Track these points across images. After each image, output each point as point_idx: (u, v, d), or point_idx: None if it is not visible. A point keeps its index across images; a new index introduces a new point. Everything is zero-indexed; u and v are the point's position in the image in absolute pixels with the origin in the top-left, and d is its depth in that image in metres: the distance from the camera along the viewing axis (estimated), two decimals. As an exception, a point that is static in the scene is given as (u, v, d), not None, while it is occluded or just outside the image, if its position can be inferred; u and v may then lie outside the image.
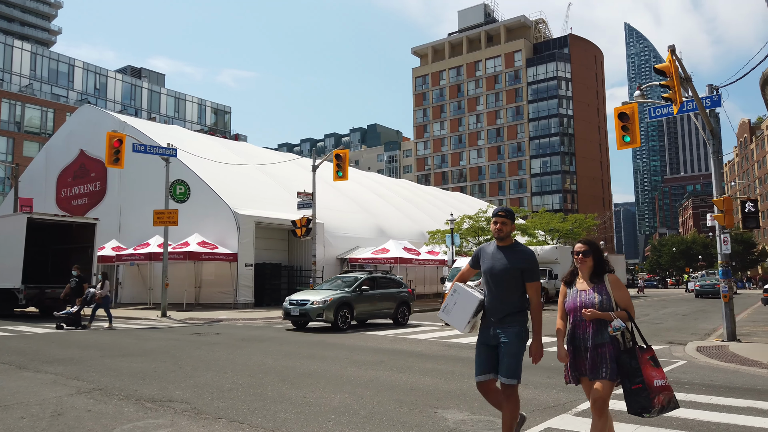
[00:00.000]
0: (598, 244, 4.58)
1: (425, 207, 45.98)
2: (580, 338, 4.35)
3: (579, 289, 4.48)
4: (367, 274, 18.53)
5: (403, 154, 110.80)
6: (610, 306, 4.31)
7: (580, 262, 4.49)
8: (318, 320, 16.02)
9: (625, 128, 15.07)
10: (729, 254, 14.17)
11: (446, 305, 4.71)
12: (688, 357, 11.75)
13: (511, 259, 4.53)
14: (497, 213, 4.68)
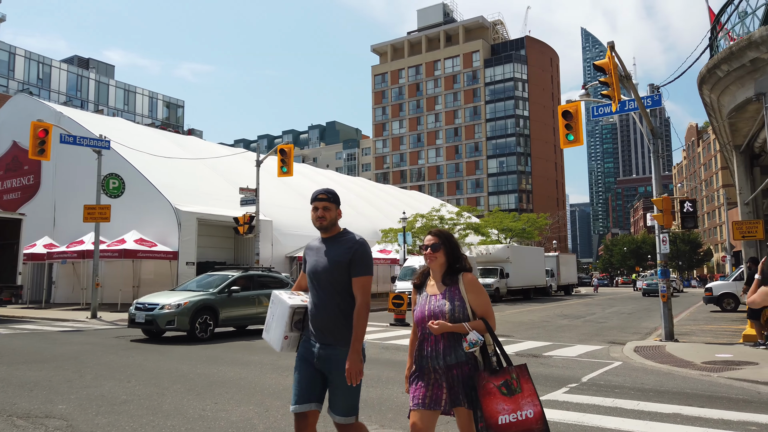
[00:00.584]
0: (451, 234, 3.60)
1: (381, 205, 45.56)
2: (428, 357, 3.35)
3: (429, 293, 3.50)
4: (242, 272, 15.53)
5: (362, 152, 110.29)
6: (464, 314, 3.35)
7: (429, 259, 3.49)
8: (169, 328, 13.14)
9: (568, 126, 14.92)
10: (668, 254, 14.18)
11: (267, 321, 3.78)
12: (625, 358, 11.61)
13: (335, 252, 3.54)
14: (317, 196, 3.64)
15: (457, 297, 3.38)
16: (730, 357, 11.12)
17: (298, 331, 3.64)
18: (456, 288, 3.42)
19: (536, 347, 13.28)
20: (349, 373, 3.33)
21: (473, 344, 3.22)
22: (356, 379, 3.34)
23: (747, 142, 13.38)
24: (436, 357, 3.33)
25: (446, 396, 3.32)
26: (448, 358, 3.31)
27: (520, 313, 25.10)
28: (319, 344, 3.50)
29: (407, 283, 27.61)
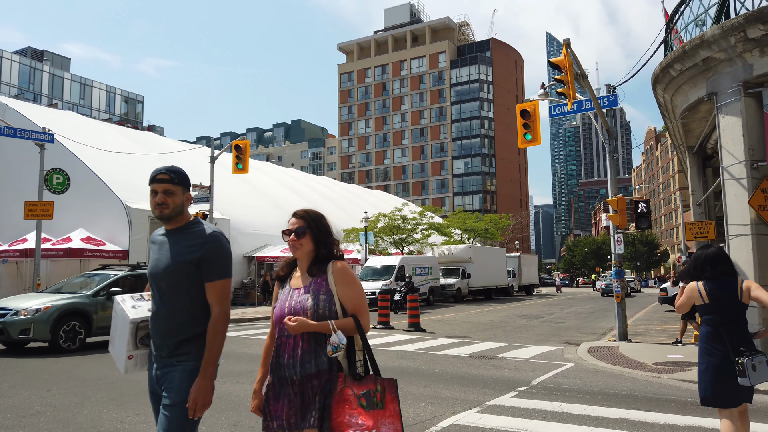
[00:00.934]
0: (321, 216, 2.99)
1: (344, 205, 45.08)
2: (285, 366, 2.71)
3: (292, 287, 2.86)
4: (128, 270, 13.38)
5: (328, 151, 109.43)
6: (331, 311, 2.73)
7: (293, 247, 2.86)
8: (23, 338, 10.92)
9: (526, 126, 14.79)
10: (623, 254, 14.18)
11: (111, 333, 3.09)
12: (578, 359, 11.49)
13: (180, 247, 2.79)
14: (155, 176, 2.82)
15: (324, 290, 2.76)
16: (680, 358, 11.11)
17: (146, 348, 2.93)
18: (323, 279, 2.79)
19: (491, 348, 13.09)
20: (193, 402, 2.64)
21: (336, 348, 2.62)
22: (200, 411, 2.65)
23: (700, 143, 13.46)
24: (293, 365, 2.68)
25: (298, 412, 2.69)
26: (308, 366, 2.67)
27: (480, 313, 25.03)
28: (156, 365, 2.80)
29: (368, 283, 27.24)
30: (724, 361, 4.13)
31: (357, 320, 2.74)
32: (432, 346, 13.40)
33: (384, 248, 35.62)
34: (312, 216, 2.94)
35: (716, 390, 4.18)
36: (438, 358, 11.40)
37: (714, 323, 4.26)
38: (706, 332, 4.32)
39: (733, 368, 4.08)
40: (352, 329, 2.73)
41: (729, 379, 4.10)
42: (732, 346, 4.13)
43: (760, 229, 9.16)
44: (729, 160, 9.57)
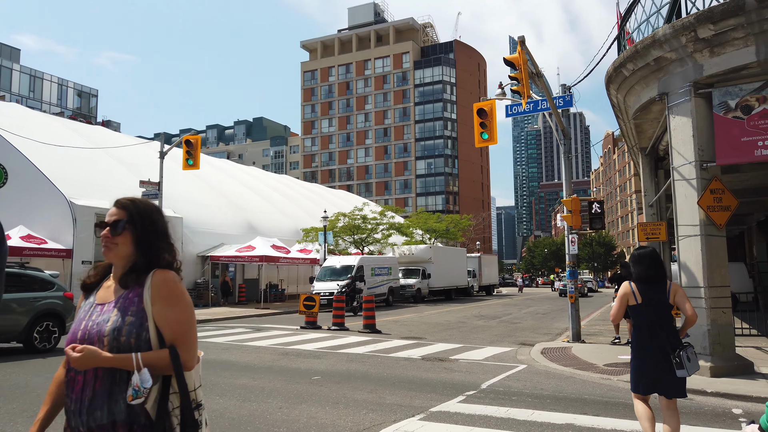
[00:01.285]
0: (153, 207, 2.26)
1: (305, 204, 44.41)
2: (71, 411, 1.99)
3: (97, 301, 2.14)
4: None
5: (290, 150, 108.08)
6: (140, 338, 2.01)
7: (105, 245, 2.12)
8: None
9: (483, 125, 14.63)
10: (576, 255, 14.15)
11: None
12: (531, 360, 11.35)
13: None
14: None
15: (134, 309, 2.03)
16: (625, 358, 11.07)
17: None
18: (136, 294, 2.07)
19: (445, 350, 12.86)
20: None
21: (137, 392, 1.91)
22: None
23: (652, 144, 13.52)
24: (80, 411, 1.95)
25: None
26: (99, 414, 1.93)
27: (439, 314, 24.88)
28: None
29: (326, 284, 26.77)
30: (653, 355, 4.50)
31: (175, 353, 2.00)
32: (385, 348, 13.07)
33: (344, 248, 35.18)
34: (139, 208, 2.19)
35: (644, 380, 4.60)
36: (389, 360, 11.07)
37: (647, 320, 4.60)
38: (639, 329, 4.67)
39: (665, 362, 4.44)
40: (167, 366, 1.99)
41: (653, 371, 4.52)
42: (668, 342, 4.47)
43: (708, 230, 9.15)
44: (679, 161, 9.55)
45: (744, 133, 8.92)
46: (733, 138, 8.99)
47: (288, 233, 35.60)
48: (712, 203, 9.18)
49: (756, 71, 8.75)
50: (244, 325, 18.74)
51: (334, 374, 9.32)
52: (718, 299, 9.03)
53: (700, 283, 9.08)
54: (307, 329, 17.49)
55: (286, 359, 11.01)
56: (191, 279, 28.12)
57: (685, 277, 9.42)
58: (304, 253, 31.99)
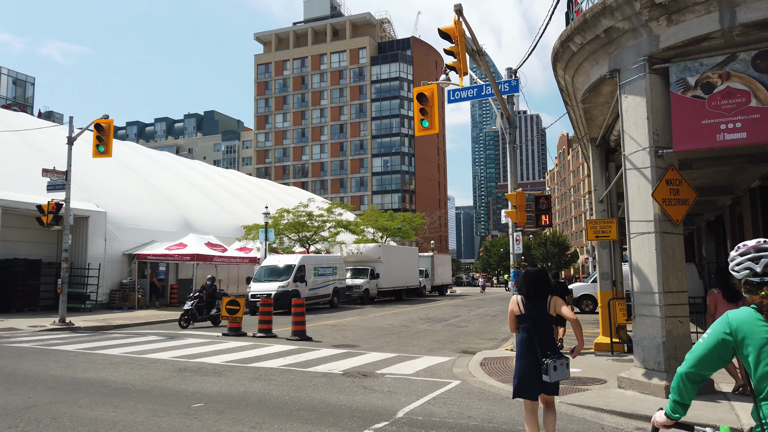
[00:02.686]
0: None
1: (251, 201, 42.24)
2: None
3: None
4: None
5: (243, 145, 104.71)
6: None
7: None
8: None
9: (423, 111, 13.29)
10: (521, 254, 12.88)
11: None
12: (467, 375, 9.98)
13: None
14: None
15: None
16: (578, 372, 9.85)
17: None
18: None
19: (375, 361, 11.39)
20: None
21: None
22: None
23: (602, 134, 12.36)
24: None
25: None
26: None
27: (384, 316, 23.46)
28: None
29: (264, 284, 24.98)
30: (533, 362, 4.92)
31: None
32: (306, 360, 11.49)
33: (289, 247, 33.34)
34: None
35: (524, 385, 4.98)
36: (302, 377, 9.50)
37: (528, 330, 5.04)
38: (521, 338, 5.11)
39: (538, 368, 4.89)
40: None
41: (533, 377, 4.93)
42: (540, 350, 4.93)
43: (664, 227, 7.93)
44: (631, 147, 8.31)
45: (705, 114, 7.73)
46: (693, 120, 7.78)
47: (229, 230, 33.53)
48: (668, 196, 7.96)
49: (719, 43, 7.55)
50: (160, 332, 16.82)
51: (223, 399, 7.68)
52: (674, 306, 7.82)
53: (654, 288, 7.85)
54: (230, 336, 15.74)
55: (178, 378, 9.28)
56: (116, 279, 25.84)
57: (637, 281, 8.18)
58: (244, 252, 30.04)
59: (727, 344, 2.41)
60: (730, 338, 2.40)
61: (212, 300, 18.18)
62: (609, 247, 12.79)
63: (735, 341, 2.39)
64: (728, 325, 2.40)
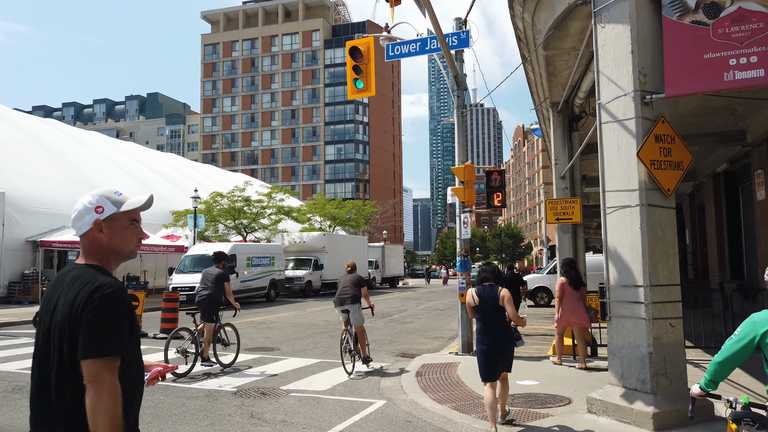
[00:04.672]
0: None
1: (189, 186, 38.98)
2: None
3: None
4: None
5: (189, 130, 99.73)
6: None
7: None
8: None
9: (357, 69, 11.04)
10: (468, 239, 10.80)
11: None
12: (397, 389, 7.85)
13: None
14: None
15: None
16: (534, 385, 7.82)
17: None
18: None
19: (288, 371, 9.15)
20: None
21: None
22: None
23: (566, 97, 10.34)
24: None
25: None
26: None
27: (323, 311, 21.22)
28: None
29: (188, 276, 22.28)
30: (491, 347, 5.66)
31: None
32: (201, 371, 9.13)
33: (224, 235, 30.54)
34: None
35: (489, 370, 5.66)
36: (175, 399, 7.13)
37: (483, 320, 5.77)
38: (479, 327, 5.85)
39: (497, 350, 5.67)
40: None
41: (494, 359, 5.65)
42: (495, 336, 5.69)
43: (652, 198, 5.91)
44: (609, 93, 6.25)
45: (708, 46, 5.72)
46: (692, 55, 5.77)
47: (158, 217, 30.46)
48: (658, 156, 5.95)
49: (731, -55, 5.52)
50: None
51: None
52: (664, 305, 5.83)
53: (638, 281, 5.84)
54: (164, 338, 13.17)
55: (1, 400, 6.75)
56: (17, 269, 22.66)
57: (614, 271, 6.15)
58: (171, 240, 27.14)
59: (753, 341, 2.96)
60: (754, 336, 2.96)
61: None
62: (571, 232, 10.85)
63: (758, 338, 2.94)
64: (754, 324, 2.97)
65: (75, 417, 1.79)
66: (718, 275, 19.10)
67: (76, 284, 1.88)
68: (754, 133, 14.38)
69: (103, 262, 2.00)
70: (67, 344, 1.83)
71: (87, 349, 1.77)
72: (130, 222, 2.02)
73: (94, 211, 1.97)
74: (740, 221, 18.67)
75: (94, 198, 2.00)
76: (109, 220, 1.97)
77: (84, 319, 1.79)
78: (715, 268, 19.46)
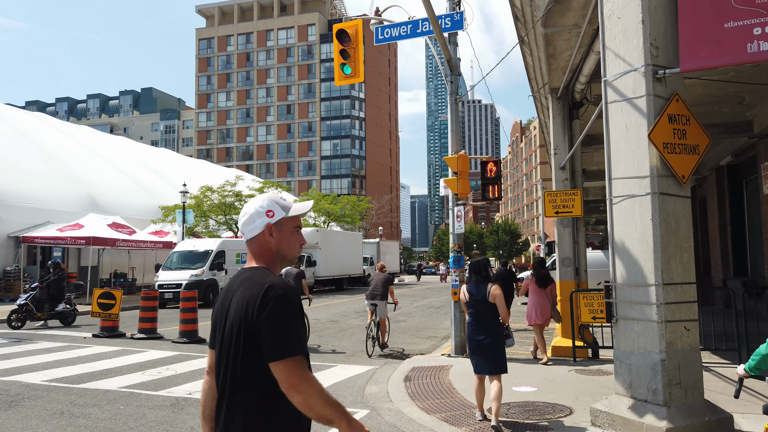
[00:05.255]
0: None
1: (180, 182, 38.29)
2: None
3: None
4: None
5: (183, 125, 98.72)
6: None
7: None
8: None
9: (345, 54, 10.45)
10: (462, 234, 10.16)
11: None
12: (383, 396, 7.23)
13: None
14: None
15: None
16: (532, 391, 7.19)
17: None
18: None
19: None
20: None
21: None
22: None
23: (566, 82, 9.68)
24: None
25: None
26: None
27: (315, 309, 20.61)
28: None
29: (175, 273, 21.61)
30: (481, 342, 5.78)
31: None
32: (171, 375, 8.50)
33: (215, 231, 29.86)
34: None
35: (477, 363, 5.83)
36: (136, 409, 6.47)
37: (474, 315, 5.90)
38: (469, 321, 5.98)
39: (487, 347, 5.75)
40: None
41: (482, 355, 5.78)
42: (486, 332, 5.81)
43: (664, 185, 5.26)
44: (617, 68, 5.59)
45: (729, 13, 5.07)
46: (711, 24, 5.12)
47: (147, 212, 29.81)
48: (672, 139, 5.29)
49: None
50: (14, 333, 13.34)
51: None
52: (678, 306, 5.18)
53: (649, 279, 5.19)
54: (101, 338, 12.49)
55: (-63, 415, 6.08)
56: (-1, 266, 21.96)
57: (622, 267, 5.50)
58: (159, 236, 26.45)
59: None
60: None
61: (58, 292, 14.45)
62: (571, 226, 10.20)
63: None
64: None
65: (253, 416, 1.82)
66: (721, 272, 18.50)
67: (246, 286, 1.88)
68: (761, 123, 13.75)
69: (270, 266, 2.00)
70: (243, 345, 1.82)
71: (273, 351, 1.75)
72: (295, 227, 2.05)
73: (265, 214, 1.98)
74: (744, 216, 18.07)
75: (265, 202, 2.01)
76: (278, 225, 1.99)
77: (261, 321, 1.79)
78: (718, 264, 18.86)
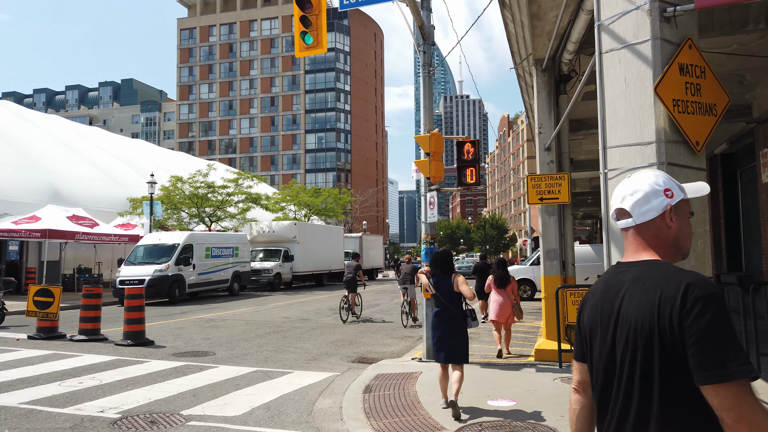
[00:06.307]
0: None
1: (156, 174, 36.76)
2: None
3: None
4: None
5: (164, 117, 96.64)
6: None
7: None
8: None
9: (305, 21, 9.27)
10: (434, 223, 9.01)
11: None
12: (334, 413, 6.10)
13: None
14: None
15: None
16: (509, 406, 6.06)
17: None
18: None
19: (205, 386, 7.34)
20: None
21: None
22: None
23: (552, 53, 8.54)
24: None
25: None
26: None
27: (287, 306, 19.47)
28: None
29: (138, 268, 20.26)
30: (443, 332, 6.02)
31: None
32: (94, 386, 7.31)
33: (187, 224, 28.48)
34: None
35: (438, 351, 6.04)
36: (21, 436, 5.25)
37: (438, 306, 6.13)
38: (434, 312, 6.17)
39: (449, 336, 5.99)
40: None
41: (444, 344, 6.00)
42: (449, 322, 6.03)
43: (674, 154, 4.14)
44: (614, 8, 4.45)
45: (759, -69, 3.90)
46: (734, -54, 3.97)
47: (115, 204, 28.36)
48: (683, 95, 4.17)
49: None
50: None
51: None
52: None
53: (655, 273, 3.99)
54: (37, 340, 11.23)
55: None
56: (-52, 262, 20.44)
57: (618, 258, 4.30)
58: (125, 229, 25.06)
59: None
60: None
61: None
62: (557, 214, 9.09)
63: None
64: None
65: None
66: (714, 266, 17.61)
67: (649, 283, 1.47)
68: (761, 107, 12.74)
69: (667, 258, 1.57)
70: (657, 361, 1.43)
71: (710, 370, 1.34)
72: (690, 213, 1.65)
73: (663, 193, 1.59)
74: (738, 208, 17.16)
75: (660, 179, 1.61)
76: (677, 208, 1.59)
77: (687, 329, 1.38)
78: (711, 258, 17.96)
